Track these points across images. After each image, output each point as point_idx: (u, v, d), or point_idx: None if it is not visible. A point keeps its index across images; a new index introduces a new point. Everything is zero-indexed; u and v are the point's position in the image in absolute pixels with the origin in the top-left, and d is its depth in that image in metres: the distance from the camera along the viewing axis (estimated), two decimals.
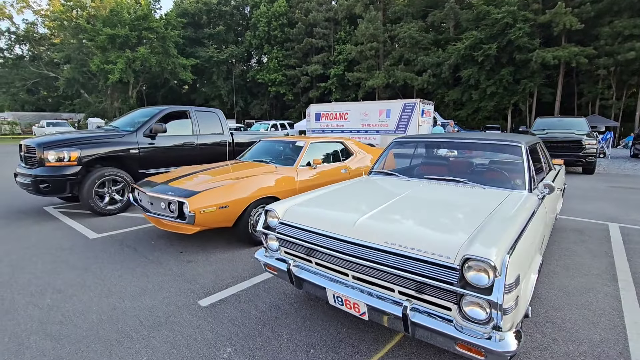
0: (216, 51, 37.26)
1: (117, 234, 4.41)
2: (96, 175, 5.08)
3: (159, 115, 6.01)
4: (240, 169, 4.34)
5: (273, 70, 35.89)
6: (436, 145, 3.14)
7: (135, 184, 4.21)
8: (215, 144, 6.77)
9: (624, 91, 25.55)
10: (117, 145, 5.38)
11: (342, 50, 33.25)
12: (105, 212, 5.23)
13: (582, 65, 23.75)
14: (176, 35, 33.62)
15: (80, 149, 4.98)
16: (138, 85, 36.62)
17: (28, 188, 4.99)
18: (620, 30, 22.19)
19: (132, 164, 5.58)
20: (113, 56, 30.66)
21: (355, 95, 33.32)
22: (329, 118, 16.24)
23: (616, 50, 22.62)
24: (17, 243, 4.04)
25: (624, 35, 22.34)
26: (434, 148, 3.21)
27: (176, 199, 3.40)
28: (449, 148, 3.07)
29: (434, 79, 29.06)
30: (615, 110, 25.69)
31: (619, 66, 23.36)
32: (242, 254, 3.67)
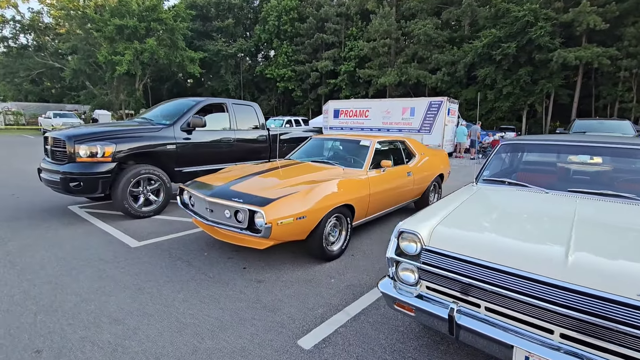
0: (225, 45, 36.49)
1: (160, 241, 3.86)
2: (131, 173, 4.52)
3: (197, 107, 5.45)
4: (303, 171, 3.78)
5: (282, 65, 35.16)
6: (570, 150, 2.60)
7: (185, 185, 3.66)
8: (253, 140, 6.22)
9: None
10: (153, 139, 4.82)
11: (354, 46, 32.52)
12: (140, 214, 4.68)
13: (604, 66, 23.09)
14: (185, 27, 32.82)
15: (116, 144, 4.43)
16: (145, 78, 35.93)
17: (55, 186, 4.43)
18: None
19: (169, 161, 5.02)
20: (121, 47, 29.92)
21: (366, 92, 32.63)
22: (348, 115, 15.67)
23: None
24: (49, 252, 3.49)
25: None
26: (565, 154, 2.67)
27: (247, 207, 2.84)
28: (589, 154, 2.52)
29: (448, 78, 28.37)
30: (635, 113, 25.06)
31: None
32: (319, 273, 3.12)
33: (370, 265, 3.30)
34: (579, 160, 2.60)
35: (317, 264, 3.32)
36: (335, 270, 3.20)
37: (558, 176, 2.70)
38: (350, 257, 3.53)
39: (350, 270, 3.19)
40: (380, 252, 3.66)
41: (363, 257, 3.52)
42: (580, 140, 2.61)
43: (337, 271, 3.17)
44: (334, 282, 2.96)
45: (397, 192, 4.31)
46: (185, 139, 5.17)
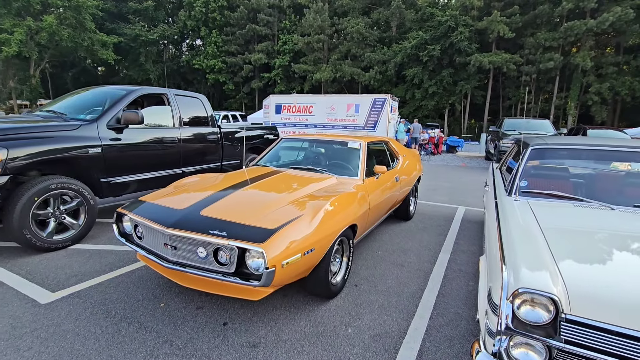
0: (144, 30, 32.38)
1: (88, 289, 2.72)
2: (35, 189, 3.20)
3: (129, 98, 4.21)
4: (290, 183, 2.99)
5: (212, 55, 32.53)
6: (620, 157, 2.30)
7: (126, 208, 2.59)
8: (202, 139, 5.14)
9: (540, 96, 28.92)
10: (68, 141, 3.50)
11: (288, 40, 31.61)
12: (49, 245, 3.38)
13: (510, 71, 26.07)
14: (93, 6, 28.20)
15: (7, 148, 3.06)
16: (43, 63, 30.10)
17: None
18: (542, 41, 24.82)
19: (92, 170, 3.75)
20: (8, 24, 24.47)
21: (301, 88, 32.09)
22: (291, 111, 14.89)
23: (538, 59, 25.28)
24: None
25: (545, 46, 25.06)
26: (609, 160, 2.38)
27: (237, 245, 1.98)
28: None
29: (380, 76, 29.33)
30: (533, 112, 28.92)
31: (540, 74, 26.22)
32: (328, 319, 2.40)
33: (385, 301, 2.68)
34: (624, 168, 2.32)
35: (320, 304, 2.59)
36: (346, 311, 2.51)
37: (610, 187, 2.39)
38: (355, 287, 2.87)
39: (364, 310, 2.53)
40: (386, 277, 3.07)
41: (370, 288, 2.88)
42: (635, 145, 2.32)
43: (348, 313, 2.49)
44: (352, 332, 2.27)
45: (388, 201, 3.78)
46: (114, 140, 3.93)
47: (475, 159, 14.92)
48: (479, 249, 3.86)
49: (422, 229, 4.53)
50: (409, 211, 4.74)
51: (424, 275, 3.14)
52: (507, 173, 3.21)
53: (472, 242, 4.06)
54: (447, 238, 4.18)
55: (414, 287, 2.90)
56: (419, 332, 2.28)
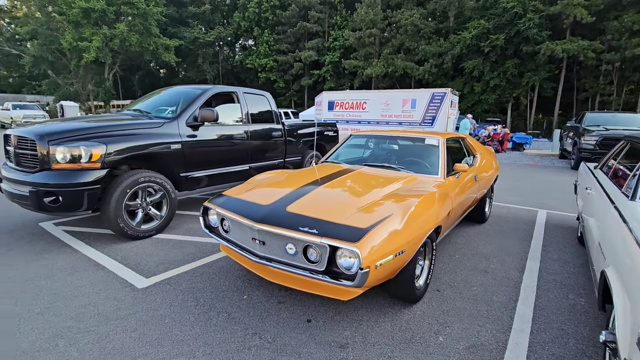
0: (202, 32, 34.34)
1: (176, 277, 2.88)
2: (127, 182, 3.46)
3: (204, 97, 4.41)
4: (370, 181, 2.89)
5: (263, 55, 33.54)
6: None
7: (213, 202, 2.68)
8: (268, 136, 5.24)
9: (624, 87, 25.59)
10: (154, 137, 3.76)
11: (338, 36, 31.46)
12: (139, 234, 3.64)
13: (588, 59, 23.38)
14: (158, 12, 30.49)
15: (106, 144, 3.34)
16: (115, 67, 33.28)
17: (23, 202, 3.31)
18: (629, 25, 21.87)
19: (173, 165, 3.98)
20: (88, 33, 27.34)
21: (351, 84, 31.82)
22: (344, 107, 14.79)
23: (622, 45, 22.35)
24: (20, 305, 2.44)
25: (632, 30, 22.06)
26: None
27: (328, 243, 1.94)
28: None
29: (435, 69, 27.99)
30: (615, 106, 25.71)
31: (624, 62, 23.20)
32: (415, 324, 2.27)
33: (473, 309, 2.48)
34: None
35: (403, 308, 2.47)
36: (432, 317, 2.36)
37: None
38: (437, 293, 2.71)
39: (452, 318, 2.36)
40: (470, 284, 2.86)
41: (454, 294, 2.70)
42: None
43: (436, 320, 2.34)
44: (443, 340, 2.12)
45: (467, 202, 3.52)
46: (191, 136, 4.13)
47: (547, 157, 13.64)
48: (573, 257, 3.46)
49: (500, 232, 4.19)
50: (484, 213, 4.41)
51: (512, 284, 2.87)
52: (615, 174, 2.81)
53: (563, 250, 3.65)
54: (532, 244, 3.80)
55: (504, 297, 2.66)
56: (521, 347, 2.06)
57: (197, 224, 4.25)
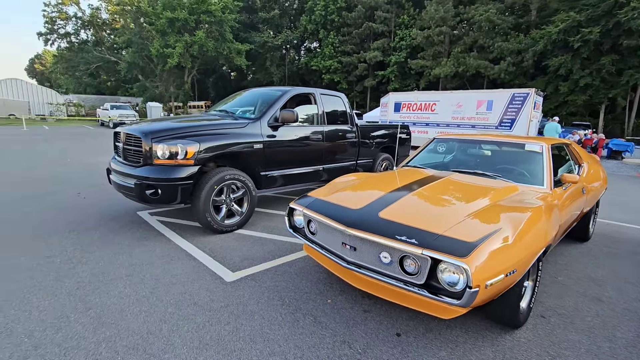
0: (270, 36, 35.97)
1: (260, 273, 2.95)
2: (215, 179, 3.67)
3: (284, 98, 4.51)
4: (458, 186, 2.68)
5: (328, 56, 33.98)
6: None
7: (299, 203, 2.69)
8: (343, 137, 5.21)
9: None
10: (239, 137, 3.94)
11: (405, 35, 30.59)
12: (222, 228, 3.84)
13: None
14: (232, 19, 32.67)
15: (199, 142, 3.58)
16: (193, 71, 36.39)
17: (128, 192, 3.68)
18: None
19: (255, 164, 4.14)
20: (172, 40, 30.33)
21: (417, 84, 30.70)
22: (411, 109, 14.28)
23: None
24: (128, 287, 2.69)
25: None
26: None
27: (430, 255, 1.80)
28: None
29: (513, 68, 25.71)
30: None
31: None
32: (522, 356, 2.02)
33: (592, 344, 2.14)
34: None
35: (503, 332, 2.22)
36: (541, 348, 2.08)
37: None
38: (542, 319, 2.39)
39: (567, 352, 2.05)
40: (582, 313, 2.48)
41: (563, 323, 2.36)
42: None
43: (545, 352, 2.05)
44: None
45: (573, 217, 3.09)
46: (271, 137, 4.25)
47: None
48: None
49: (610, 254, 3.62)
50: (588, 230, 3.86)
51: (638, 319, 2.43)
52: None
53: None
54: None
55: (631, 334, 2.25)
56: None
57: (273, 222, 4.37)
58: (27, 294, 2.53)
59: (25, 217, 4.33)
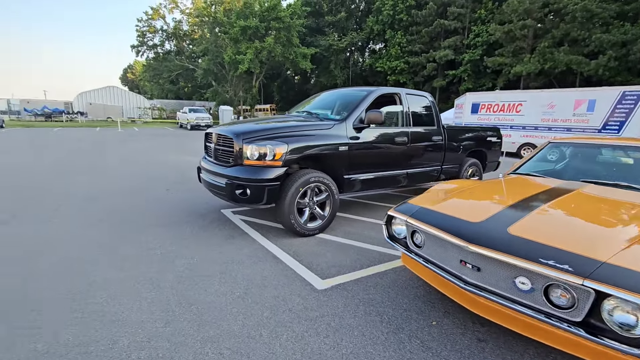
0: (336, 39, 36.24)
1: (351, 283, 2.78)
2: (301, 181, 3.60)
3: (370, 99, 4.31)
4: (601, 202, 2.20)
5: (394, 57, 33.10)
6: None
7: (402, 213, 2.45)
8: (429, 139, 4.86)
9: None
10: (325, 138, 3.83)
11: (481, 31, 28.46)
12: (305, 231, 3.77)
13: None
14: (300, 24, 33.60)
15: (287, 144, 3.54)
16: (261, 76, 38.17)
17: (218, 191, 3.79)
18: None
19: (339, 166, 4.00)
20: (244, 47, 32.17)
21: (493, 84, 28.35)
22: (491, 110, 13.11)
23: None
24: (224, 286, 2.71)
25: None
26: None
27: (597, 288, 1.43)
28: None
29: (615, 63, 22.31)
30: None
31: None
32: None
33: None
34: None
35: None
36: None
37: None
38: None
39: None
40: None
41: None
42: None
43: None
44: None
45: None
46: (355, 139, 4.08)
47: None
48: None
49: None
50: None
51: None
52: None
53: None
54: None
55: None
56: None
57: (353, 227, 4.19)
58: (135, 284, 2.67)
59: (127, 210, 4.74)
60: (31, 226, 3.96)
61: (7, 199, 5.13)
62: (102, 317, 2.23)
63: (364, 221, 4.45)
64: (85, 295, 2.49)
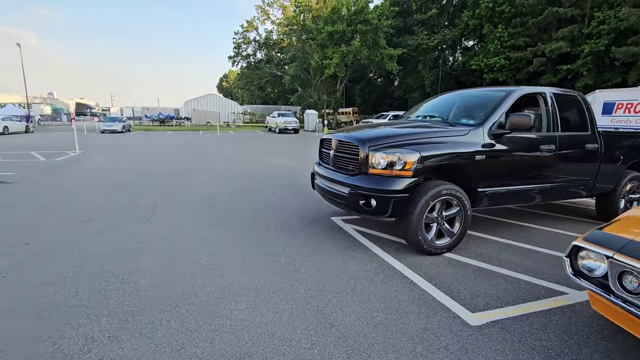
0: (426, 38, 34.42)
1: (508, 321, 2.32)
2: (431, 193, 3.22)
3: (510, 100, 3.72)
4: None
5: (492, 53, 29.99)
6: None
7: (600, 244, 1.92)
8: (581, 147, 4.03)
9: None
10: (461, 146, 3.39)
11: (607, 17, 23.94)
12: (432, 250, 3.38)
13: None
14: (388, 25, 32.79)
15: (419, 152, 3.21)
16: (345, 79, 38.39)
17: (338, 200, 3.64)
18: None
19: (473, 178, 3.52)
20: (330, 52, 32.68)
21: (623, 79, 23.59)
22: (632, 110, 10.79)
23: None
24: (360, 306, 2.50)
25: None
26: None
27: None
28: None
29: None
30: None
31: None
32: None
33: None
34: None
35: None
36: None
37: None
38: None
39: None
40: None
41: None
42: None
43: None
44: None
45: None
46: (491, 146, 3.53)
47: None
48: None
49: None
50: None
51: None
52: None
53: None
54: None
55: None
56: None
57: (484, 248, 3.66)
58: (270, 294, 2.63)
59: (242, 211, 4.95)
60: (167, 223, 4.36)
61: (146, 197, 5.83)
62: (249, 327, 2.20)
63: (497, 242, 3.86)
64: (228, 300, 2.52)
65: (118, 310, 2.38)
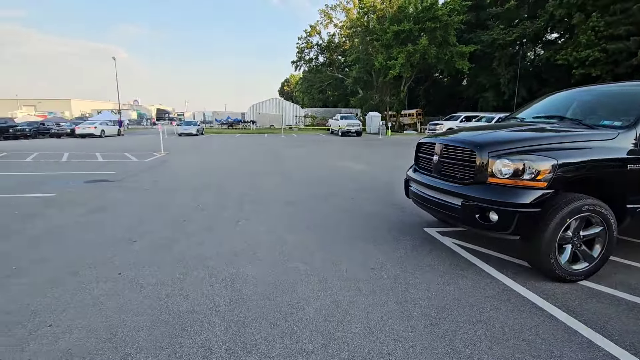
0: (503, 32, 31.59)
1: None
2: (569, 209, 2.67)
3: None
4: None
5: (584, 46, 26.41)
6: None
7: None
8: None
9: None
10: (608, 152, 2.79)
11: None
12: (565, 276, 2.81)
13: None
14: (459, 20, 30.77)
15: (556, 158, 2.68)
16: (410, 80, 36.97)
17: (444, 211, 3.25)
18: None
19: (622, 192, 2.88)
20: (395, 52, 31.64)
21: None
22: None
23: None
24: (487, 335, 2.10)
25: None
26: None
27: None
28: None
29: None
30: None
31: None
32: None
33: None
34: None
35: None
36: None
37: None
38: None
39: None
40: None
41: None
42: None
43: None
44: None
45: None
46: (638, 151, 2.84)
47: None
48: None
49: None
50: None
51: None
52: None
53: None
54: None
55: None
56: None
57: (635, 278, 2.96)
58: (382, 316, 2.36)
59: (325, 217, 4.77)
60: (256, 228, 4.34)
61: (231, 198, 5.98)
62: (371, 356, 1.94)
63: None
64: (339, 320, 2.30)
65: (228, 319, 2.30)
